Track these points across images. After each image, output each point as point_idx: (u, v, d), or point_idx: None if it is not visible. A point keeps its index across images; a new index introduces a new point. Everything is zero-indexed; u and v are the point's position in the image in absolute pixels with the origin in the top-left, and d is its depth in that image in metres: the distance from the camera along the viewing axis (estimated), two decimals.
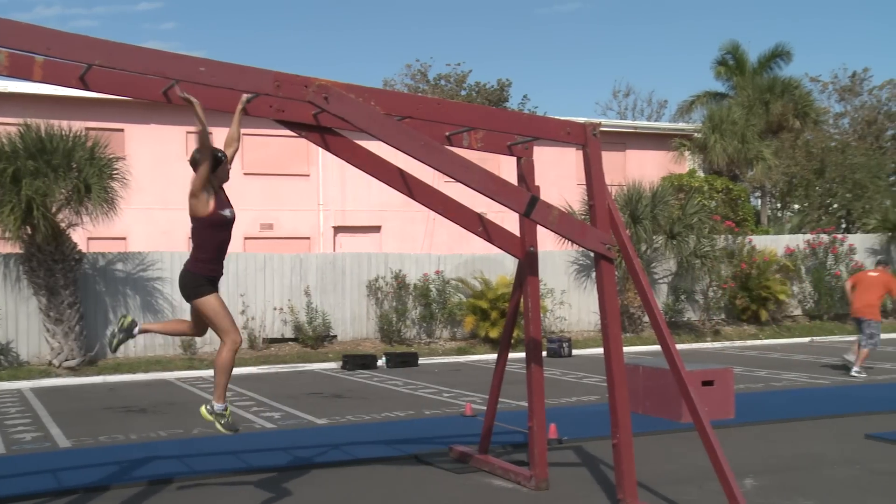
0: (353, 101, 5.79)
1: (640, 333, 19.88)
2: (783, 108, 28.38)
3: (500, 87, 39.60)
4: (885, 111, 38.07)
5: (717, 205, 23.91)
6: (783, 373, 14.51)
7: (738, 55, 31.88)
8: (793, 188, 29.60)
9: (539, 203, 6.39)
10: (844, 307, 22.14)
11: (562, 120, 6.81)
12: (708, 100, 31.97)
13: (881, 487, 7.13)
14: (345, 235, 24.20)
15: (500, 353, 7.97)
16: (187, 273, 6.23)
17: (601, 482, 7.37)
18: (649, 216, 20.11)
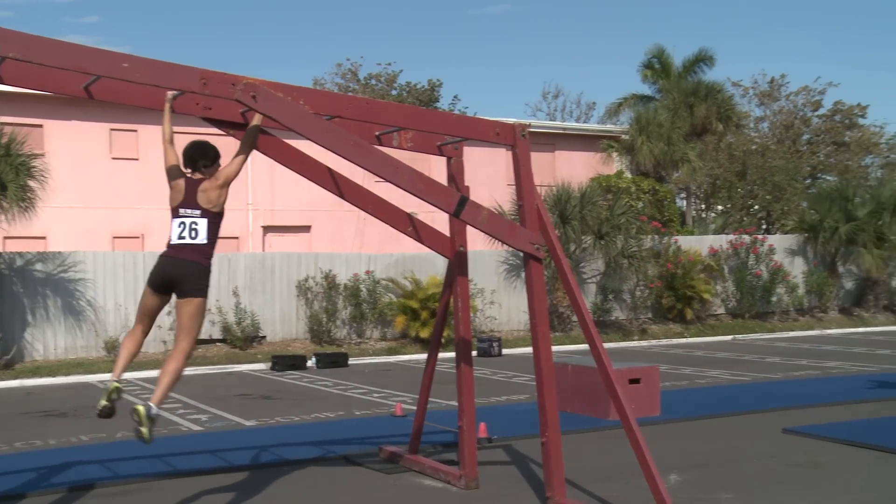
0: (281, 99, 5.74)
1: (570, 332, 20.12)
2: (707, 112, 29.01)
3: (430, 87, 39.66)
4: (801, 116, 39.23)
5: (644, 206, 24.34)
6: (707, 370, 14.84)
7: (664, 59, 32.48)
8: (716, 190, 30.30)
9: (469, 203, 6.42)
10: (765, 306, 22.78)
11: (491, 121, 6.86)
12: (635, 102, 32.50)
13: (797, 479, 7.35)
14: (274, 235, 23.96)
15: (431, 352, 7.98)
16: (201, 268, 5.98)
17: (530, 480, 7.44)
18: (578, 217, 20.36)
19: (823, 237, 23.18)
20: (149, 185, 22.38)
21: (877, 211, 23.24)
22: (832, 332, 21.69)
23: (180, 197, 6.09)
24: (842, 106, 39.12)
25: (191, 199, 6.06)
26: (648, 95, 32.95)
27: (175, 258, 5.98)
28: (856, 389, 12.06)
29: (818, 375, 13.94)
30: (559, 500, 6.48)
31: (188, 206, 6.05)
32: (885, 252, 23.02)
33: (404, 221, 7.40)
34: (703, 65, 32.13)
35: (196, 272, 5.94)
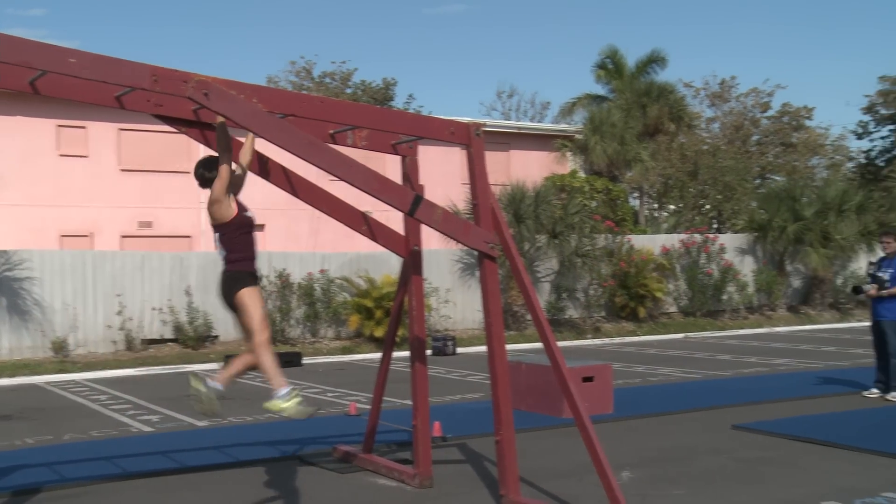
0: (234, 97, 5.68)
1: (524, 331, 20.21)
2: (659, 112, 29.33)
3: (385, 85, 39.58)
4: (751, 117, 39.89)
5: (598, 205, 24.54)
6: (659, 368, 15.01)
7: (617, 60, 32.76)
8: (668, 189, 30.67)
9: (423, 202, 6.41)
10: (716, 304, 23.10)
11: (446, 119, 6.86)
12: (589, 102, 32.74)
13: (746, 474, 7.47)
14: None
15: (385, 351, 7.97)
16: (227, 273, 6.19)
17: (485, 478, 7.46)
18: (532, 216, 20.46)
19: (772, 236, 23.57)
20: (98, 183, 22.04)
21: (823, 211, 23.69)
22: (780, 330, 22.07)
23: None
24: (789, 108, 39.88)
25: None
26: (602, 95, 33.22)
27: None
28: (803, 386, 12.29)
29: (767, 372, 14.18)
30: (513, 498, 6.51)
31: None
32: (830, 251, 23.47)
33: (359, 220, 7.38)
34: (655, 66, 32.47)
35: (226, 279, 6.20)
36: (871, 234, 23.04)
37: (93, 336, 17.33)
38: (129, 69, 5.41)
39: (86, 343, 17.22)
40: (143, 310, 17.75)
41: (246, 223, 6.28)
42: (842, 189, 24.69)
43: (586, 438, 6.14)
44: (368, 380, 10.69)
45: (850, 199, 23.86)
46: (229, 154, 6.17)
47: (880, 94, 39.34)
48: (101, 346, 17.30)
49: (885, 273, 11.19)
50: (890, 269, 11.18)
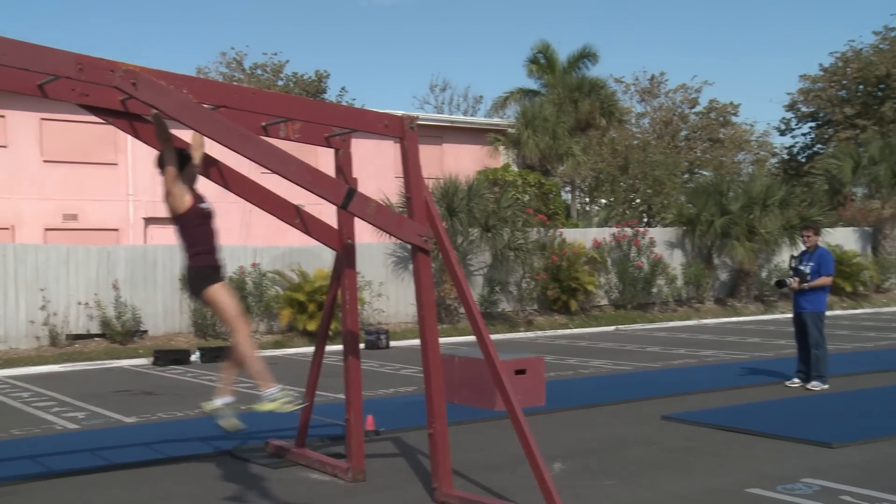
0: (163, 87, 5.57)
1: (457, 324, 20.28)
2: (591, 107, 29.65)
3: (318, 78, 39.26)
4: (679, 113, 40.64)
5: (530, 198, 24.72)
6: (590, 360, 15.20)
7: (549, 54, 33.03)
8: (600, 183, 31.05)
9: (356, 195, 6.39)
10: (646, 297, 23.49)
11: (379, 112, 6.84)
12: (521, 96, 32.96)
13: (675, 463, 7.63)
14: (157, 227, 23.27)
15: (318, 345, 7.93)
16: (191, 269, 6.23)
17: (418, 471, 7.48)
18: (465, 209, 20.52)
19: (700, 230, 24.03)
20: (19, 174, 21.42)
21: (748, 205, 24.23)
22: (708, 322, 22.54)
23: None
24: (716, 104, 40.74)
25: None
26: (534, 90, 33.48)
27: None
28: (729, 376, 12.58)
29: (695, 364, 14.47)
30: (446, 491, 6.53)
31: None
32: (755, 245, 24.02)
33: (291, 213, 7.31)
34: (587, 61, 32.83)
35: (192, 275, 6.26)
36: (794, 229, 23.64)
37: (14, 332, 16.85)
38: (53, 57, 5.28)
39: (7, 339, 16.74)
40: (69, 304, 17.31)
41: (202, 214, 6.32)
42: (766, 184, 25.27)
43: (519, 431, 6.19)
44: (301, 374, 10.60)
45: (773, 194, 24.45)
46: (170, 144, 6.16)
47: (801, 93, 40.44)
48: (24, 341, 16.83)
49: (807, 266, 11.51)
50: (811, 263, 11.50)
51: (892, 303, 26.66)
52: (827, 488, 6.71)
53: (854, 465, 7.39)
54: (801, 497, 6.52)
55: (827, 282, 11.52)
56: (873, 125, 36.53)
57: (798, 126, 42.25)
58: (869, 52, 38.38)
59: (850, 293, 26.12)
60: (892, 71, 36.64)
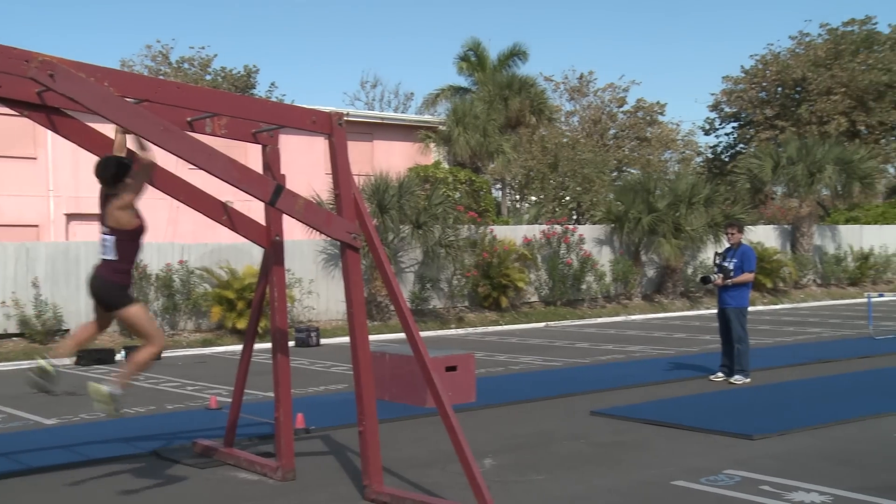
0: (83, 80, 5.43)
1: (388, 321, 20.24)
2: (521, 105, 29.85)
3: (246, 73, 38.75)
4: (608, 112, 41.22)
5: (461, 196, 24.79)
6: (521, 356, 15.32)
7: (480, 52, 33.18)
8: (530, 181, 31.31)
9: (284, 192, 6.32)
10: (576, 293, 23.77)
11: (307, 108, 6.77)
12: (452, 94, 33.04)
13: (603, 458, 7.73)
14: (79, 223, 22.69)
15: (246, 343, 7.84)
16: (111, 284, 6.36)
17: (348, 469, 7.44)
18: (396, 206, 20.48)
19: (628, 227, 24.40)
20: None
21: (674, 203, 24.69)
22: (636, 318, 22.91)
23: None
24: (643, 103, 41.43)
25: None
26: (465, 87, 33.60)
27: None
28: (656, 371, 12.81)
29: (623, 359, 14.70)
30: (376, 489, 6.51)
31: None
32: (681, 242, 24.50)
33: (218, 210, 7.20)
34: (517, 59, 33.09)
35: (112, 290, 6.38)
36: (718, 226, 24.18)
37: None
38: None
39: None
40: None
41: (142, 232, 6.54)
42: (691, 182, 25.78)
43: (449, 427, 6.20)
44: (230, 372, 10.47)
45: (698, 193, 24.95)
46: (150, 171, 6.39)
47: (724, 93, 41.39)
48: None
49: (730, 263, 11.77)
50: (734, 260, 11.77)
51: (809, 298, 27.47)
52: (748, 479, 6.88)
53: (773, 456, 7.60)
54: (723, 488, 6.67)
55: (749, 278, 11.81)
56: (791, 126, 37.58)
57: (721, 126, 43.25)
58: (786, 56, 39.47)
59: (771, 289, 26.84)
60: (807, 74, 37.74)
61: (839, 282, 29.43)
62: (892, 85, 36.95)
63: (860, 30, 39.31)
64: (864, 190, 28.90)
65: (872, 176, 29.18)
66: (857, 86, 36.75)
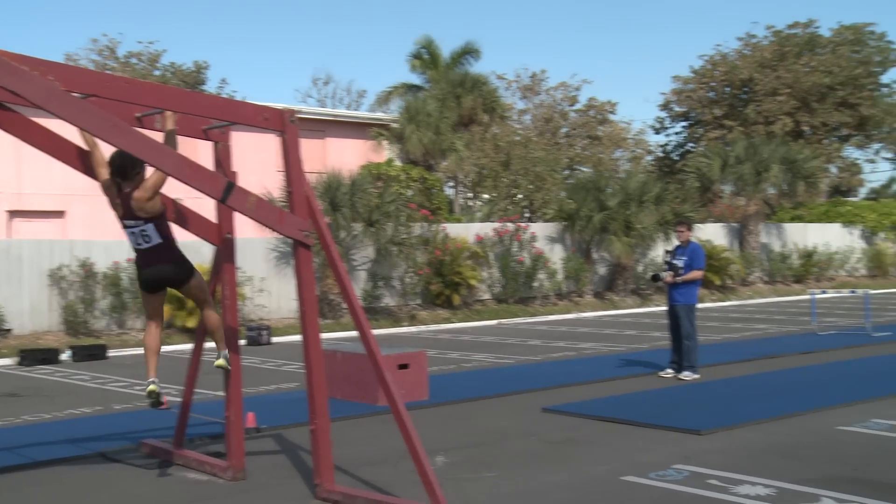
0: (26, 73, 5.31)
1: (340, 319, 20.15)
2: (473, 103, 29.91)
3: (197, 69, 38.23)
4: (560, 110, 41.47)
5: (414, 193, 24.76)
6: (473, 354, 15.36)
7: (432, 50, 33.19)
8: (482, 179, 31.31)
9: (236, 189, 6.27)
10: (528, 291, 23.89)
11: (259, 105, 6.72)
12: (405, 91, 33.00)
13: (554, 454, 7.79)
14: (22, 220, 22.24)
15: (197, 342, 7.76)
16: (176, 262, 6.78)
17: (300, 468, 7.40)
18: (348, 204, 20.41)
19: (580, 225, 24.59)
20: None
21: (625, 201, 24.93)
22: (587, 315, 23.10)
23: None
24: (595, 102, 41.72)
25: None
26: (418, 85, 33.58)
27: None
28: (607, 368, 12.93)
29: (574, 356, 14.81)
30: (327, 487, 6.49)
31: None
32: (632, 240, 24.75)
33: (168, 207, 7.11)
34: (469, 57, 33.16)
35: (180, 264, 6.82)
36: (668, 224, 24.48)
37: None
38: None
39: None
40: None
41: (166, 210, 6.82)
42: (642, 181, 26.07)
43: (401, 425, 6.20)
44: (179, 371, 10.34)
45: (649, 191, 25.24)
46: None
47: (674, 93, 41.89)
48: None
49: (680, 261, 11.93)
50: (683, 258, 11.93)
51: (756, 295, 27.95)
52: (696, 473, 6.99)
53: (720, 451, 7.72)
54: (671, 483, 6.76)
55: (698, 275, 11.98)
56: (739, 126, 38.17)
57: (671, 125, 43.76)
58: (734, 57, 40.08)
59: (719, 286, 27.25)
60: (754, 75, 38.36)
61: (785, 279, 29.99)
62: (833, 87, 37.73)
63: (803, 32, 40.08)
64: (809, 189, 29.50)
65: (816, 175, 29.81)
66: (800, 87, 37.46)
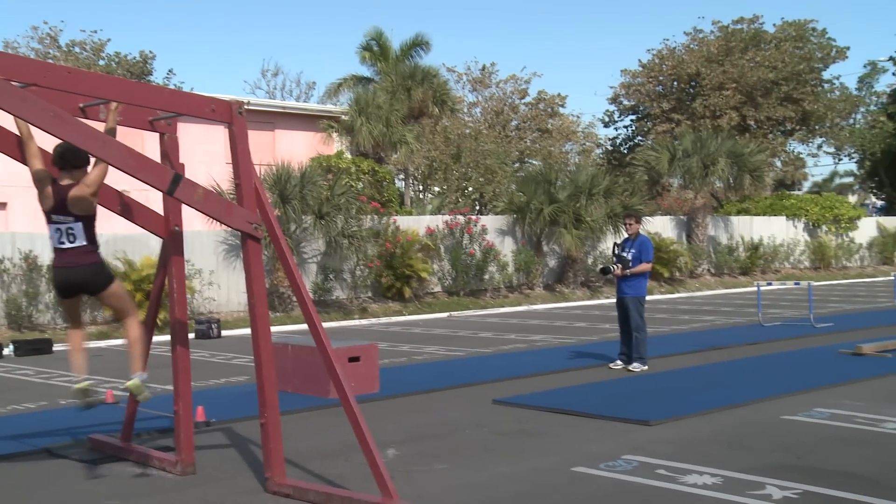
0: None
1: (290, 313, 20.03)
2: (424, 95, 29.86)
3: (143, 59, 37.64)
4: (510, 103, 41.62)
5: (364, 186, 24.68)
6: (424, 346, 15.37)
7: (382, 42, 33.04)
8: (433, 172, 31.34)
9: (183, 181, 6.20)
10: (479, 283, 23.97)
11: (206, 96, 6.64)
12: (355, 83, 32.82)
13: (505, 446, 7.84)
14: None
15: (145, 336, 7.63)
16: (94, 267, 6.53)
17: (250, 462, 7.35)
18: (298, 196, 20.27)
19: (530, 218, 24.71)
20: None
21: (575, 194, 25.12)
22: (538, 308, 23.25)
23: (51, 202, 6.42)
24: (545, 95, 41.96)
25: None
26: (368, 77, 33.41)
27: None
28: (557, 360, 13.03)
29: (525, 348, 14.90)
30: (278, 481, 6.45)
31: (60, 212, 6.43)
32: (582, 232, 24.96)
33: (114, 200, 7.01)
34: (419, 49, 33.07)
35: (99, 270, 6.61)
36: (617, 217, 24.69)
37: None
38: None
39: None
40: None
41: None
42: (591, 174, 26.27)
43: (352, 418, 6.19)
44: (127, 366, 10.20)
45: (598, 184, 25.46)
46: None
47: (623, 87, 42.29)
48: None
49: (628, 253, 12.06)
50: (632, 250, 12.06)
51: (704, 287, 28.39)
52: (645, 463, 7.08)
53: (668, 441, 7.84)
54: (621, 473, 6.84)
55: (647, 268, 12.12)
56: (686, 120, 38.68)
57: (620, 119, 44.19)
58: (681, 52, 40.58)
59: (668, 278, 27.62)
60: (701, 70, 38.88)
61: (731, 271, 30.50)
62: (777, 82, 38.39)
63: (749, 28, 40.72)
64: (754, 182, 30.01)
65: (762, 169, 30.32)
66: (746, 82, 38.05)
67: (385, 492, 5.93)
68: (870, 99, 45.41)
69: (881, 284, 29.26)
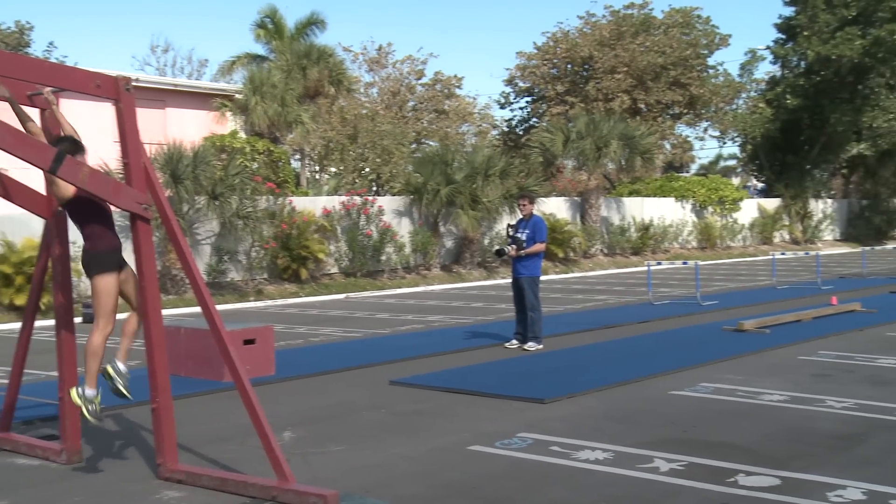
0: None
1: (184, 295, 19.58)
2: (319, 75, 29.53)
3: (19, 30, 35.96)
4: (407, 84, 41.57)
5: (259, 166, 24.27)
6: (321, 328, 15.27)
7: (277, 20, 32.49)
8: (329, 152, 31.06)
9: (67, 159, 5.96)
10: (376, 265, 23.92)
11: (90, 71, 6.39)
12: (249, 61, 32.20)
13: (402, 427, 7.87)
14: None
15: (26, 321, 7.37)
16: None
17: (141, 448, 7.17)
18: (191, 176, 19.79)
19: (427, 199, 24.76)
20: None
21: (472, 175, 25.29)
22: (435, 288, 23.36)
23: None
24: (441, 76, 42.07)
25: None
26: (262, 55, 32.83)
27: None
28: (454, 340, 13.13)
29: (422, 329, 14.96)
30: (170, 466, 6.32)
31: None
32: (478, 213, 25.16)
33: None
34: (315, 28, 32.66)
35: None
36: (513, 198, 24.97)
37: None
38: None
39: None
40: None
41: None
42: (488, 155, 26.50)
43: (246, 401, 6.10)
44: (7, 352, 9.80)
45: (494, 165, 25.69)
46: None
47: (518, 69, 42.73)
48: None
49: (523, 234, 12.21)
50: (527, 231, 12.22)
51: (597, 267, 29.05)
52: (539, 441, 7.22)
53: (562, 419, 8.01)
54: (516, 450, 6.96)
55: (541, 248, 12.30)
56: (580, 102, 39.38)
57: (516, 100, 44.64)
58: (575, 35, 41.24)
59: (562, 259, 28.15)
60: (593, 53, 39.62)
61: (623, 251, 31.30)
62: (666, 67, 39.44)
63: (639, 14, 41.65)
64: (645, 164, 30.86)
65: (652, 151, 31.19)
66: (637, 66, 38.95)
67: (280, 475, 5.88)
68: (750, 85, 47.11)
69: (761, 264, 30.52)
